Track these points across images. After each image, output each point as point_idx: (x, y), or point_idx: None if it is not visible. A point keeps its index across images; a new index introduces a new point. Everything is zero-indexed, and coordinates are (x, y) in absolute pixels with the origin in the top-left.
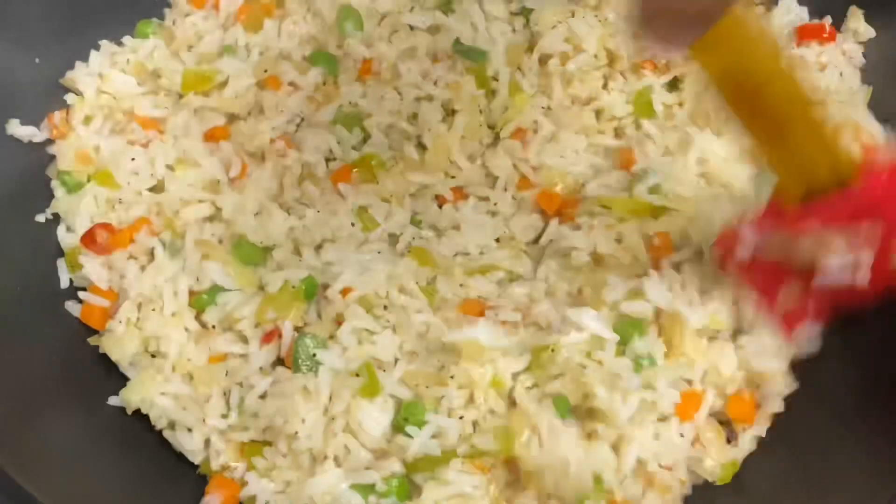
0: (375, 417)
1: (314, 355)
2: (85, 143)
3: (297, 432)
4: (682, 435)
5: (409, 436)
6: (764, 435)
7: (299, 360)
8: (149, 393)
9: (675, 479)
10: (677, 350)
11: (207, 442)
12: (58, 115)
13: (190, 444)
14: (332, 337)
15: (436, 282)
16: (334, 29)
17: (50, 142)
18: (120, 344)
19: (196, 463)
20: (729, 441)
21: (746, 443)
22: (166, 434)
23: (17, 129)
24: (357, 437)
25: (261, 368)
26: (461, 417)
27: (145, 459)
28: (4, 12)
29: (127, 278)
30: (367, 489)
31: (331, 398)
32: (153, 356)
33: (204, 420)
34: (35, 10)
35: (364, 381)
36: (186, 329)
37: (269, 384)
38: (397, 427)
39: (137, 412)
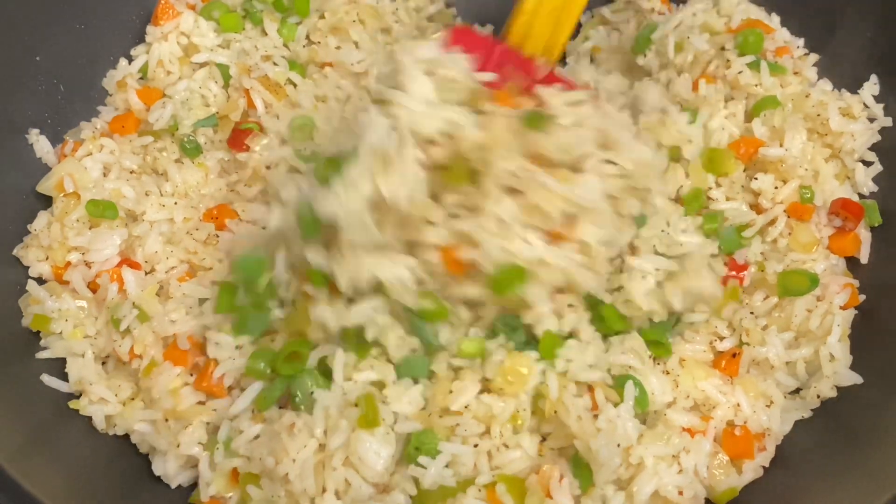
0: (376, 450)
1: (311, 393)
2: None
3: (287, 474)
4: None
5: (423, 466)
6: (767, 465)
7: (297, 399)
8: (128, 420)
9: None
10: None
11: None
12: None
13: (163, 469)
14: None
15: None
16: None
17: None
18: None
19: (173, 487)
20: None
21: (749, 472)
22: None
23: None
24: (358, 471)
25: (253, 411)
26: (476, 446)
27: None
28: None
29: None
30: None
31: (326, 433)
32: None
33: (178, 445)
34: None
35: (363, 412)
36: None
37: (259, 430)
38: (409, 458)
39: None
